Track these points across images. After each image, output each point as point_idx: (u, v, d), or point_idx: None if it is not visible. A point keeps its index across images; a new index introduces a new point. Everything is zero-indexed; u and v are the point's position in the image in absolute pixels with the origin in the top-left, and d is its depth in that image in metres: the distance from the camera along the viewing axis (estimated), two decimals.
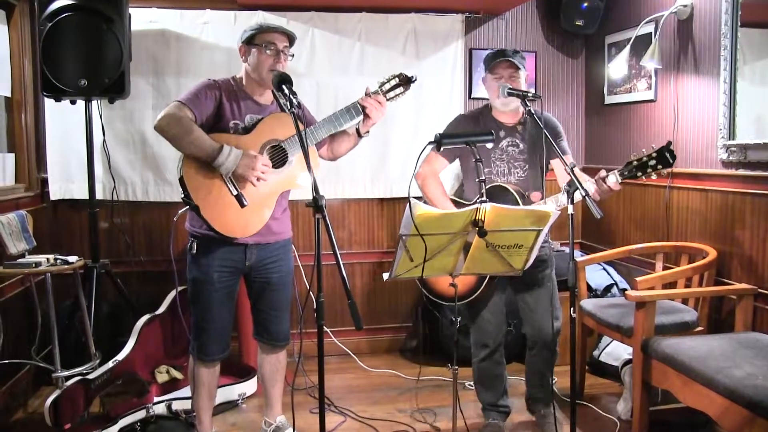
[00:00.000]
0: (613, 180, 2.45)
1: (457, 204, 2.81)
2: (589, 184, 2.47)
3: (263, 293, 2.68)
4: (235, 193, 2.42)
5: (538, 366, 2.85)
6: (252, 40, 2.51)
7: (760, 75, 3.04)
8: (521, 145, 2.78)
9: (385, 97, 2.59)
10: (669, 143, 2.40)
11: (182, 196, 2.45)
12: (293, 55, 2.58)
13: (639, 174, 2.43)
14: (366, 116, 2.57)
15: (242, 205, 2.42)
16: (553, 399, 2.87)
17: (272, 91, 2.62)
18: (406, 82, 2.60)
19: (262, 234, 2.54)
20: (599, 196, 2.47)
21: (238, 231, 2.47)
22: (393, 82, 2.60)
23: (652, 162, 2.40)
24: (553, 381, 3.00)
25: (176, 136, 2.35)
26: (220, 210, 2.42)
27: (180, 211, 2.49)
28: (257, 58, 2.49)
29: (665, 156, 2.39)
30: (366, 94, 2.58)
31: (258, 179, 2.42)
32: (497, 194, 2.65)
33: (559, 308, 2.85)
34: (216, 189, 2.42)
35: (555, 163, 2.82)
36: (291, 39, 2.55)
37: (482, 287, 2.69)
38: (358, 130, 2.66)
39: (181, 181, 2.41)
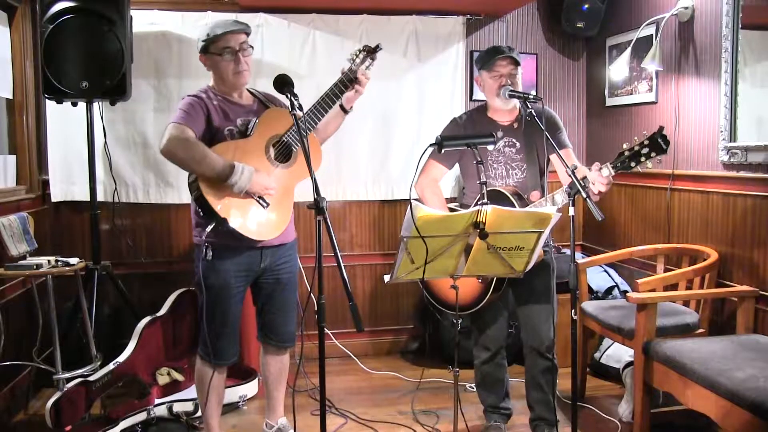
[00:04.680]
0: (606, 173, 2.35)
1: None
2: (596, 178, 2.37)
3: (272, 294, 2.68)
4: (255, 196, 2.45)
5: (536, 377, 2.76)
6: (208, 50, 2.50)
7: (761, 77, 3.04)
8: (518, 144, 2.72)
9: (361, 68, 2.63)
10: (661, 128, 2.29)
11: (201, 214, 2.43)
12: (253, 47, 2.58)
13: (633, 164, 2.31)
14: (354, 88, 2.58)
15: (263, 206, 2.45)
16: (557, 422, 2.77)
17: (248, 89, 2.65)
18: (372, 51, 2.65)
19: (283, 234, 2.56)
20: (594, 197, 2.34)
21: (267, 233, 2.49)
22: (361, 56, 2.63)
23: (645, 150, 2.29)
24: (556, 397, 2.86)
25: (186, 160, 2.34)
26: (246, 216, 2.43)
27: (207, 229, 2.41)
28: (219, 66, 2.50)
29: (658, 142, 2.27)
30: (346, 71, 2.59)
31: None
32: (493, 200, 2.59)
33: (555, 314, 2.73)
34: (236, 196, 2.40)
35: (554, 158, 2.70)
36: (246, 31, 2.54)
37: (486, 299, 2.62)
38: (342, 107, 2.66)
39: (200, 199, 2.38)
